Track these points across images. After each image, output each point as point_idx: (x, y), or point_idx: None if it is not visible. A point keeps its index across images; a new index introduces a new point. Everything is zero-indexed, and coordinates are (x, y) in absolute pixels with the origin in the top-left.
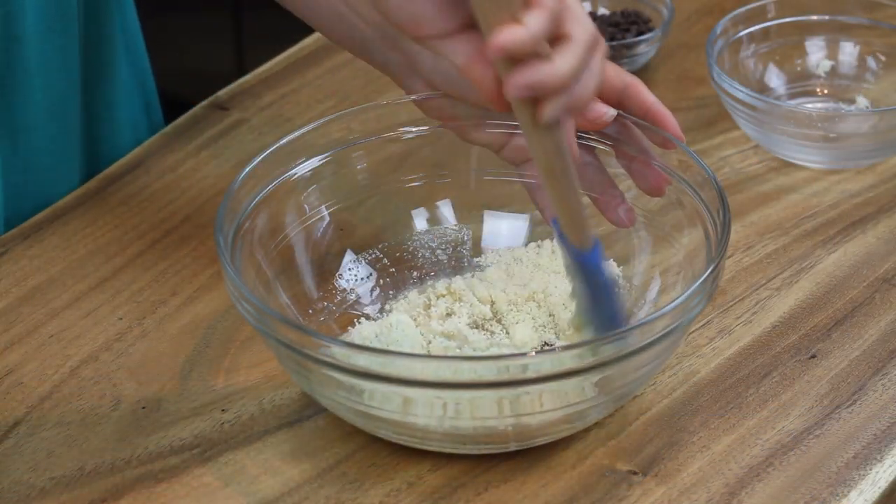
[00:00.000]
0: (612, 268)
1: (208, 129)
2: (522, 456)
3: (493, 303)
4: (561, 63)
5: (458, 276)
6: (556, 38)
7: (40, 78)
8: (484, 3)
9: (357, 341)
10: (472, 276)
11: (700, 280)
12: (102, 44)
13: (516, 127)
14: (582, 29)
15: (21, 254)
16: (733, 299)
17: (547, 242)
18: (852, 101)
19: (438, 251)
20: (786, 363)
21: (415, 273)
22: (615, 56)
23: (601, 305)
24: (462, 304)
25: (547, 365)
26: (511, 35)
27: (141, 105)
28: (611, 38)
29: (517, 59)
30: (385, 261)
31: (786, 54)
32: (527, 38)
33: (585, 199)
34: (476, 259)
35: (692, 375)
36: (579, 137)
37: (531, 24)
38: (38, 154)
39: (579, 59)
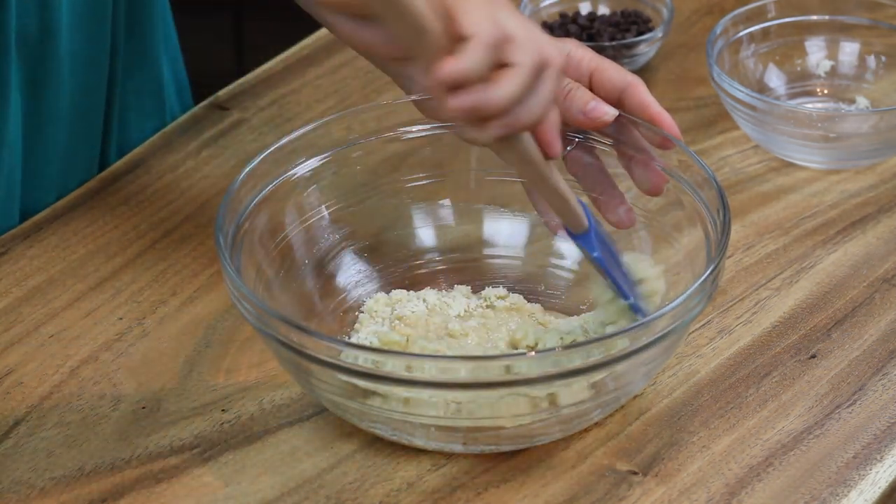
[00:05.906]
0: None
1: (208, 129)
2: (522, 456)
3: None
4: (499, 90)
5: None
6: (500, 65)
7: (68, 69)
8: (415, 42)
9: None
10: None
11: (700, 280)
12: (145, 33)
13: None
14: (524, 55)
15: (21, 254)
16: (733, 299)
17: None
18: (852, 101)
19: (440, 252)
20: (786, 363)
21: (415, 273)
22: (615, 56)
23: (618, 275)
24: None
25: (547, 365)
26: (451, 67)
27: (174, 90)
28: (611, 38)
29: (458, 86)
30: (385, 260)
31: (786, 54)
32: (463, 71)
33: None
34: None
35: (692, 375)
36: (580, 137)
37: (469, 58)
38: (58, 144)
39: (520, 84)
